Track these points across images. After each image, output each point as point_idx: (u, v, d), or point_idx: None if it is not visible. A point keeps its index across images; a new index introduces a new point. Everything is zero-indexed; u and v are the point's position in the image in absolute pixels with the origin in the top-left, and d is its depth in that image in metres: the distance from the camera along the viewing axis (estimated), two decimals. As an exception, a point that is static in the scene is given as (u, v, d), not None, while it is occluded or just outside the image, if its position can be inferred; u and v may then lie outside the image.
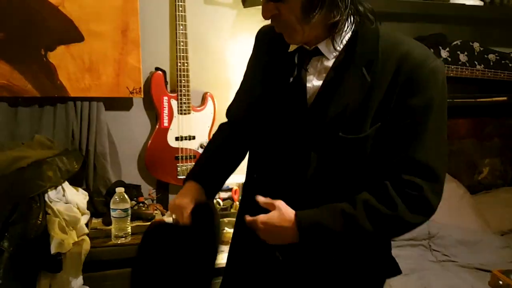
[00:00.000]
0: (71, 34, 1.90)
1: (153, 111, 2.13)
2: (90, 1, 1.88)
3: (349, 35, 0.95)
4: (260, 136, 1.09)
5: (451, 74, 2.43)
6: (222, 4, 2.15)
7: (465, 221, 2.31)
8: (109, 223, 1.82)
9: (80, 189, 1.90)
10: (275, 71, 1.05)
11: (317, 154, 0.98)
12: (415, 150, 0.93)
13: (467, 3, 2.31)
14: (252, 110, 1.10)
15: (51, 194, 1.71)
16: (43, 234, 1.58)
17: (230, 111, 1.26)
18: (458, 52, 2.47)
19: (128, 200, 1.79)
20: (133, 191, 2.06)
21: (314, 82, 0.99)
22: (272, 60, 1.07)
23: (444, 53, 2.45)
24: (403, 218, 0.93)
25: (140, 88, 2.03)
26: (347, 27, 0.94)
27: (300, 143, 1.00)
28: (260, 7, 1.92)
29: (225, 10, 2.15)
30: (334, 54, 0.97)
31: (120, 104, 2.10)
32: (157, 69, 2.08)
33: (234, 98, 1.26)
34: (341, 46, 0.96)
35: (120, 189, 1.77)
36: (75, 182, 1.92)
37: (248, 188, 1.16)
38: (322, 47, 0.97)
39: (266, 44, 1.10)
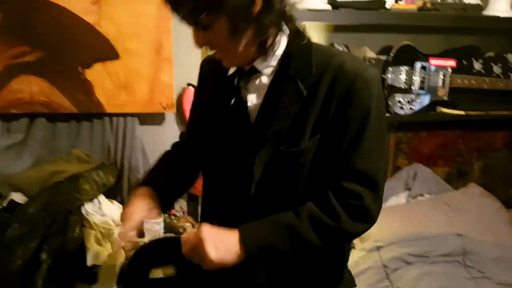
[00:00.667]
0: (107, 52, 1.97)
1: (184, 125, 2.18)
2: (125, 20, 1.95)
3: (281, 50, 0.99)
4: (209, 159, 1.13)
5: (485, 86, 2.39)
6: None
7: (501, 237, 2.24)
8: (143, 235, 1.86)
9: (114, 201, 1.95)
10: (217, 96, 1.09)
11: (260, 168, 1.01)
12: (355, 160, 0.96)
13: (501, 15, 2.27)
14: (199, 135, 1.14)
15: (88, 207, 1.77)
16: (80, 246, 1.64)
17: (181, 137, 1.32)
18: (492, 64, 2.43)
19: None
20: (165, 204, 2.10)
21: (254, 101, 1.03)
22: (214, 86, 1.11)
23: (477, 65, 2.41)
24: (346, 228, 0.96)
25: (173, 103, 2.08)
26: (278, 43, 0.99)
27: (244, 160, 1.03)
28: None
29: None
30: (270, 70, 1.01)
31: (154, 119, 2.16)
32: (189, 84, 2.13)
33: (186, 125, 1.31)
34: (275, 62, 1.00)
35: (153, 203, 1.81)
36: (110, 194, 1.97)
37: (204, 210, 1.20)
38: (257, 64, 1.01)
39: (209, 73, 1.16)
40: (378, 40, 2.37)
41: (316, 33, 2.24)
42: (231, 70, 1.05)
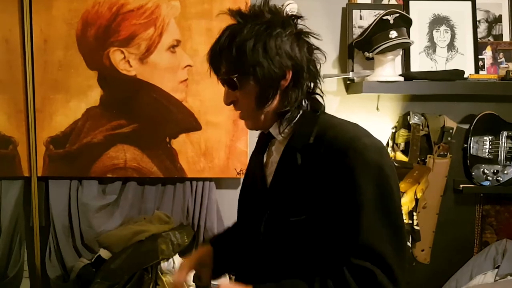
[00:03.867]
0: (192, 124, 2.19)
1: (259, 191, 2.29)
2: (208, 96, 2.17)
3: (295, 120, 1.06)
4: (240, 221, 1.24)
5: None
6: (326, 92, 2.27)
7: None
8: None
9: (189, 261, 2.10)
10: (256, 158, 1.19)
11: (266, 236, 1.06)
12: (357, 236, 0.93)
13: None
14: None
15: (163, 265, 1.93)
16: (152, 303, 1.79)
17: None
18: None
19: (227, 275, 1.92)
20: (237, 265, 2.20)
21: (273, 163, 1.10)
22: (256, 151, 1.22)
23: None
24: None
25: (247, 169, 2.22)
26: (295, 114, 1.05)
27: (257, 225, 1.08)
28: (362, 94, 2.01)
29: (329, 97, 2.28)
30: (282, 137, 1.08)
31: (229, 183, 2.31)
32: (263, 152, 2.26)
33: None
34: (286, 131, 1.06)
35: (221, 266, 1.91)
36: (185, 254, 2.12)
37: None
38: (272, 130, 1.08)
39: (260, 140, 1.24)
40: (460, 108, 2.30)
41: (390, 102, 2.26)
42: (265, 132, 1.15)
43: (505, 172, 2.22)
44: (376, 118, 2.25)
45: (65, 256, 2.16)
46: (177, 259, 2.01)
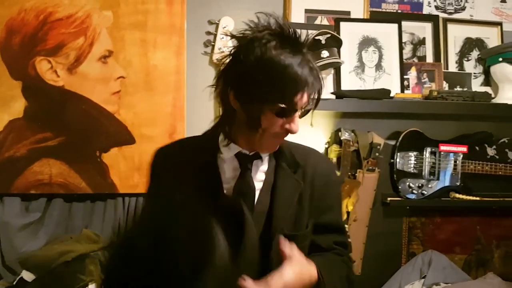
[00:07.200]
0: (124, 137, 2.12)
1: (194, 206, 2.25)
2: (143, 108, 2.11)
3: None
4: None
5: (500, 173, 2.35)
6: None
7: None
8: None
9: (119, 281, 2.01)
10: (198, 186, 1.07)
11: (263, 253, 1.12)
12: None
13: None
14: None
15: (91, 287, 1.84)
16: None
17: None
18: (506, 150, 2.40)
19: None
20: (171, 284, 2.14)
21: (254, 183, 1.15)
22: (187, 179, 1.10)
23: (490, 151, 2.40)
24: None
25: (183, 185, 2.17)
26: None
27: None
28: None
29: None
30: (266, 158, 1.17)
31: (164, 199, 2.25)
32: (199, 167, 2.22)
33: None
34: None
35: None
36: (116, 274, 2.04)
37: None
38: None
39: (171, 168, 1.20)
40: (387, 125, 2.41)
41: (323, 119, 2.33)
42: (228, 153, 1.14)
43: (429, 186, 2.35)
44: (310, 134, 2.30)
45: (-17, 279, 2.01)
46: (106, 279, 1.92)
